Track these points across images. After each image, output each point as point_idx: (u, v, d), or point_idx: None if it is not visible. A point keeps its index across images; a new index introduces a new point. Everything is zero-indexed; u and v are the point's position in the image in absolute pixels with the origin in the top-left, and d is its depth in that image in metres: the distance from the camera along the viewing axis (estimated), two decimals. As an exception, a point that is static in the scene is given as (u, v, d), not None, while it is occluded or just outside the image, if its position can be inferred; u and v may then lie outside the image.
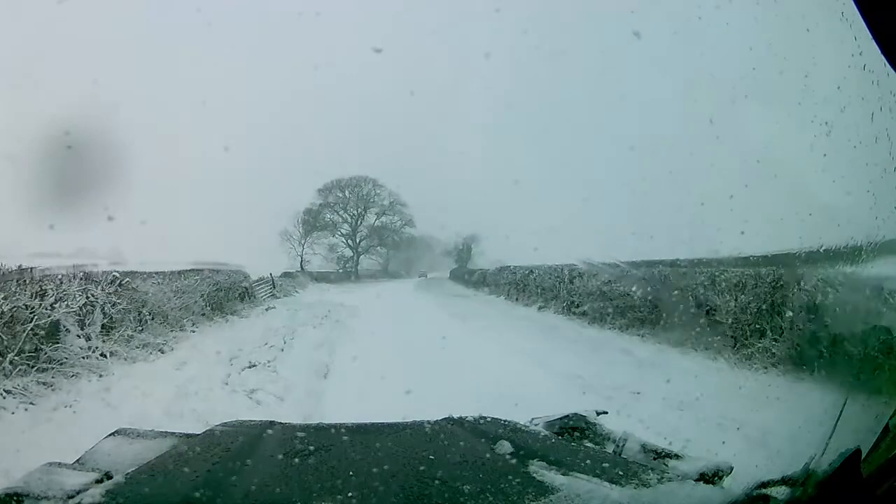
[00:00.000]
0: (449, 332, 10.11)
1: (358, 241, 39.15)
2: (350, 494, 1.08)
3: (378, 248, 40.32)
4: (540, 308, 15.17)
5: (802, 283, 6.68)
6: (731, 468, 1.28)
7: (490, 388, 4.94)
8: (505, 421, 1.64)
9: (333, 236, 38.70)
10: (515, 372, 6.78)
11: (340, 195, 38.45)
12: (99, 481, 1.17)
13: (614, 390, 5.77)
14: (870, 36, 0.80)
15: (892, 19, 0.79)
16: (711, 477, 1.26)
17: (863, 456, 0.84)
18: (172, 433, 1.69)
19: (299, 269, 32.96)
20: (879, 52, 0.80)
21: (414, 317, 14.07)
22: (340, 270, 37.63)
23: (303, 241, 36.43)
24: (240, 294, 15.07)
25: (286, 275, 26.85)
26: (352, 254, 39.20)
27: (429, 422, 1.62)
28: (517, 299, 17.98)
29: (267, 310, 15.25)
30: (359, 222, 38.96)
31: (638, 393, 5.63)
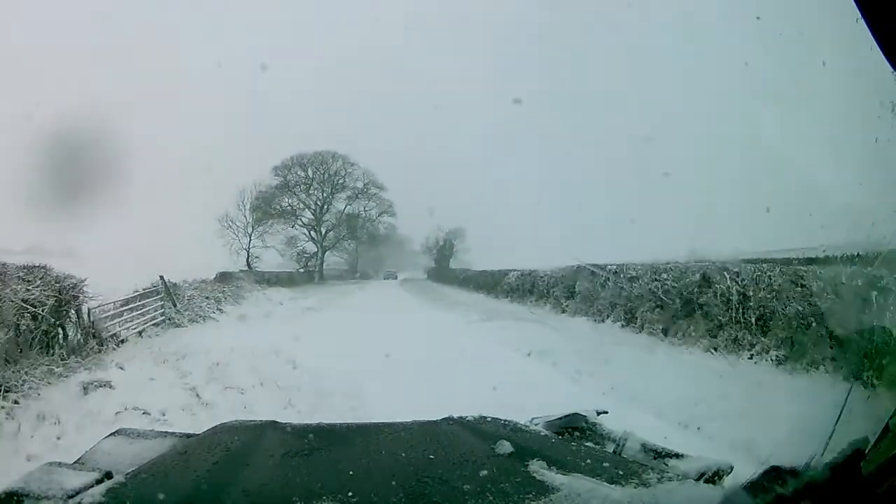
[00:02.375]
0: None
1: (324, 232, 30.52)
2: (350, 494, 1.08)
3: (347, 241, 31.57)
4: (786, 363, 6.40)
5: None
6: (731, 468, 1.29)
7: None
8: (505, 421, 1.64)
9: (293, 227, 29.92)
10: None
11: (302, 174, 29.83)
12: (99, 481, 1.17)
13: None
14: (871, 38, 0.80)
15: (893, 20, 0.79)
16: (711, 477, 1.27)
17: (863, 456, 0.84)
18: (172, 433, 1.69)
19: (245, 268, 25.32)
20: (881, 53, 0.80)
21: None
22: (301, 270, 29.13)
23: (249, 231, 27.93)
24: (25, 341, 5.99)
25: (223, 277, 18.66)
26: (315, 248, 30.33)
27: (429, 422, 1.62)
28: (662, 332, 8.64)
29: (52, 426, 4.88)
30: (325, 208, 30.33)
31: None
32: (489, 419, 1.67)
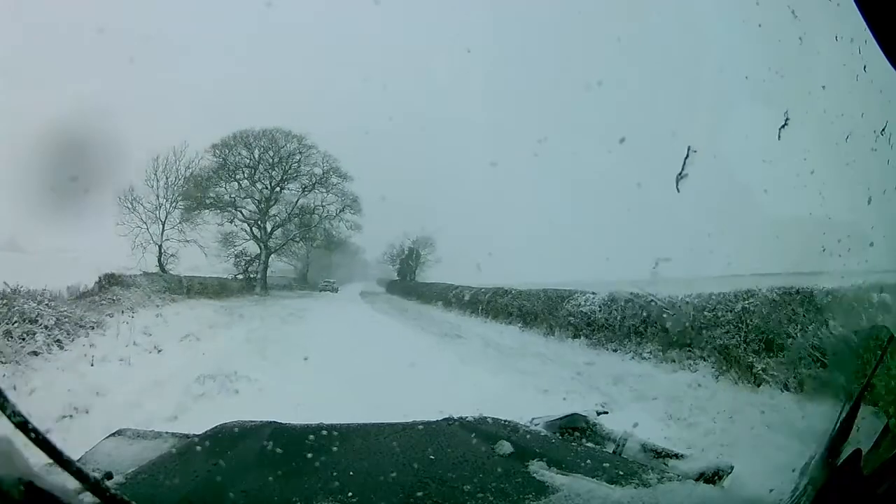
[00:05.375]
0: None
1: (269, 229, 24.05)
2: (350, 495, 1.08)
3: (298, 243, 25.20)
4: None
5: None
6: (732, 468, 1.29)
7: None
8: (505, 421, 1.64)
9: (231, 221, 23.13)
10: None
11: (246, 155, 23.11)
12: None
13: None
14: (872, 39, 0.80)
15: (893, 20, 0.79)
16: (711, 477, 1.27)
17: (863, 456, 0.84)
18: (172, 433, 1.69)
19: (157, 269, 19.31)
20: (882, 54, 0.81)
21: None
22: (240, 276, 23.21)
23: (162, 216, 20.61)
24: None
25: (109, 281, 12.03)
26: (258, 250, 23.80)
27: (429, 422, 1.62)
28: None
29: None
30: (272, 200, 23.92)
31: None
32: (489, 419, 1.67)
